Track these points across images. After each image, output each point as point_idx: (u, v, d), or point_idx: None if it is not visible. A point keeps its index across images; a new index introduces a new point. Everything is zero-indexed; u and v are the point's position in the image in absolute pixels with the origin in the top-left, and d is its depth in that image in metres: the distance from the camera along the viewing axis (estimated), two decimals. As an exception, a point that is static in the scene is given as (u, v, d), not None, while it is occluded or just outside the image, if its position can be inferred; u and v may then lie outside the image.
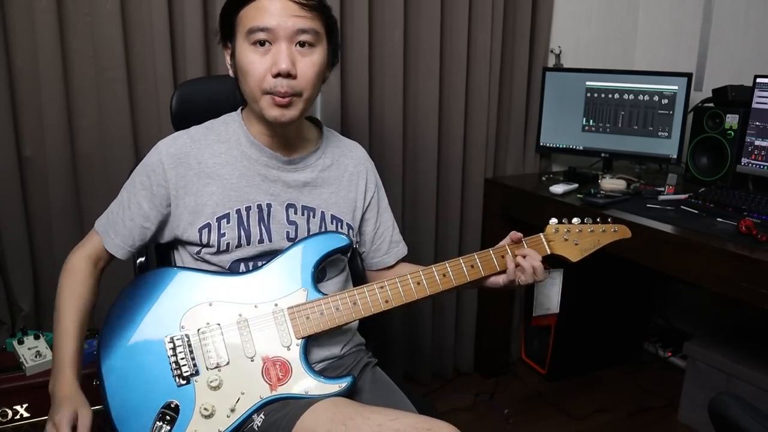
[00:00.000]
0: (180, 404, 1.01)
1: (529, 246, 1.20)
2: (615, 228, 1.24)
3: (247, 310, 1.07)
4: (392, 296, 1.10)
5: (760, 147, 1.91)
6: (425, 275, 1.12)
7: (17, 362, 1.46)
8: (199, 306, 1.06)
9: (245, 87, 1.08)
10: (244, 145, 1.15)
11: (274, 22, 1.02)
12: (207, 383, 1.03)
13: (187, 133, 1.16)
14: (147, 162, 1.14)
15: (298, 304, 1.08)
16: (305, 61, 1.06)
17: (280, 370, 1.05)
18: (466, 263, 1.14)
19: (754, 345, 2.05)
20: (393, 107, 2.01)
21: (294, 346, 1.06)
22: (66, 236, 1.65)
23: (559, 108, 2.24)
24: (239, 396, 1.03)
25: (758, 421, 1.07)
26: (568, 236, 1.22)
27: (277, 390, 1.04)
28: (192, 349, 1.04)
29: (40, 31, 1.52)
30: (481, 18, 2.09)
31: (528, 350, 2.51)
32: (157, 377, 1.02)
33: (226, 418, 1.02)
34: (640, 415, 2.18)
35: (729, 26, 2.22)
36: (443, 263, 1.14)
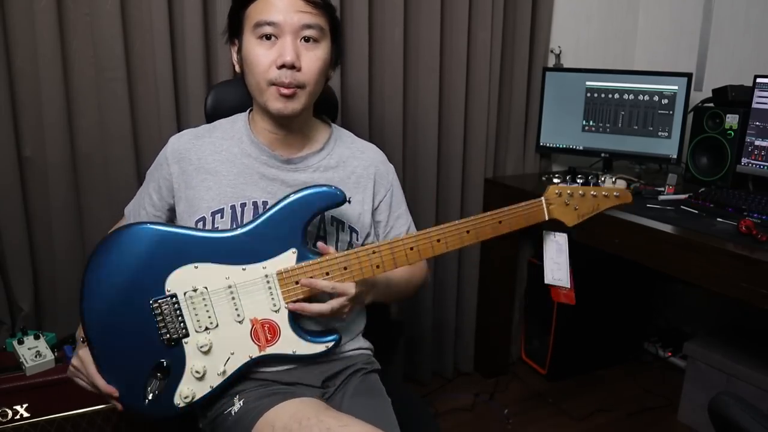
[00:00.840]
0: (171, 364, 1.04)
1: (527, 211, 1.14)
2: (617, 192, 1.20)
3: (234, 273, 1.05)
4: (384, 261, 1.08)
5: (760, 147, 1.91)
6: (418, 241, 1.09)
7: (17, 362, 1.46)
8: (185, 267, 1.04)
9: (251, 79, 1.11)
10: (246, 143, 1.17)
11: (280, 16, 1.06)
12: (197, 347, 1.04)
13: (193, 130, 1.21)
14: (159, 156, 1.21)
15: (288, 269, 1.06)
16: (309, 55, 1.09)
17: (269, 332, 1.07)
18: (461, 228, 1.11)
19: (754, 345, 2.05)
20: (393, 106, 2.01)
21: (282, 309, 1.07)
22: (66, 236, 1.65)
23: (559, 108, 2.24)
24: (229, 356, 1.06)
25: (758, 421, 1.07)
26: (569, 200, 1.17)
27: (265, 350, 1.07)
28: (180, 312, 1.04)
29: (40, 31, 1.51)
30: (481, 17, 2.09)
31: (528, 350, 2.51)
32: (146, 338, 1.03)
33: (217, 376, 1.06)
34: (640, 415, 2.18)
35: (729, 26, 2.22)
36: (439, 227, 1.10)
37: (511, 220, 1.13)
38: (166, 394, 1.04)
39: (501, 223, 1.13)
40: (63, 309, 1.69)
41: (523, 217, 1.14)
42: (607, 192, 1.19)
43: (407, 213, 1.31)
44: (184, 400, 1.05)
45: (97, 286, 1.03)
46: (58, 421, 1.46)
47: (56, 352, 1.49)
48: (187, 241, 1.05)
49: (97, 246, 1.05)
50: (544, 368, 2.41)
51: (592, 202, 1.19)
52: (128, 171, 1.67)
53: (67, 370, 1.10)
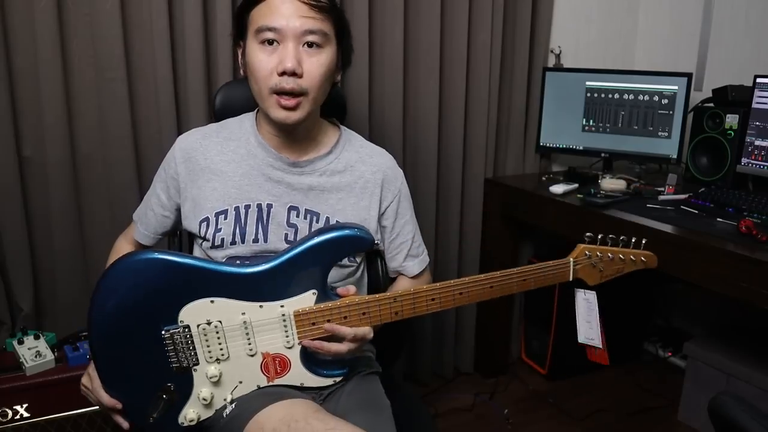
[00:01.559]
0: (178, 388, 1.03)
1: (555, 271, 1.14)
2: (644, 257, 1.19)
3: (251, 309, 1.03)
4: (403, 309, 1.07)
5: (760, 147, 1.91)
6: (441, 292, 1.08)
7: (17, 362, 1.46)
8: (200, 301, 1.02)
9: (253, 85, 1.10)
10: (252, 144, 1.17)
11: (282, 22, 1.04)
12: (206, 376, 1.03)
13: (201, 130, 1.21)
14: (167, 156, 1.21)
15: (306, 310, 1.04)
16: (312, 61, 1.07)
17: (279, 365, 1.06)
18: (485, 283, 1.10)
19: (754, 345, 2.05)
20: (393, 107, 2.01)
21: (296, 346, 1.06)
22: (66, 236, 1.65)
23: (559, 108, 2.24)
24: (237, 385, 1.06)
25: (758, 421, 1.07)
26: (596, 262, 1.16)
27: (273, 381, 1.07)
28: (192, 343, 1.03)
29: (40, 31, 1.51)
30: (481, 18, 2.09)
31: (528, 350, 2.51)
32: (155, 363, 1.02)
33: (223, 400, 1.06)
34: (640, 415, 2.18)
35: (729, 26, 2.22)
36: (463, 280, 1.09)
37: (537, 279, 1.14)
38: (171, 416, 1.04)
39: (525, 281, 1.13)
40: (63, 309, 1.69)
41: (549, 277, 1.15)
42: (635, 256, 1.18)
43: (413, 220, 1.30)
44: (189, 422, 1.05)
45: (108, 311, 0.99)
46: (58, 421, 1.46)
47: (56, 352, 1.49)
48: (205, 275, 1.02)
49: (109, 269, 1.01)
50: (544, 368, 2.41)
51: (618, 266, 1.19)
52: (128, 171, 1.67)
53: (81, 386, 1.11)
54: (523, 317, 2.51)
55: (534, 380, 2.40)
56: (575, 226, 1.91)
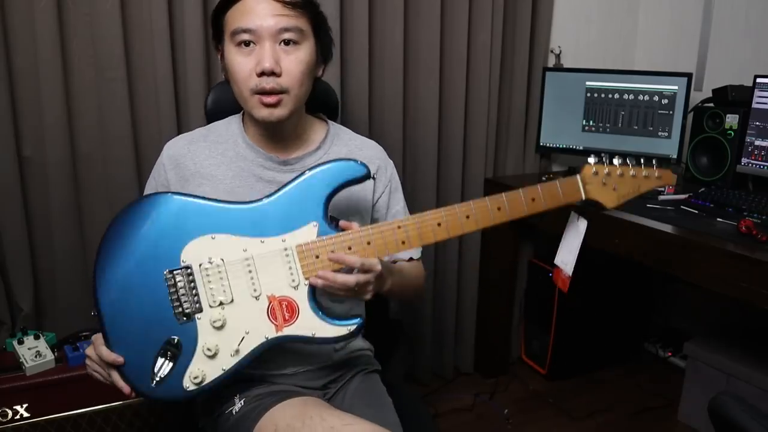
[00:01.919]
0: (182, 341, 0.99)
1: (563, 188, 1.06)
2: (658, 174, 1.12)
3: (252, 245, 1.01)
4: (410, 237, 1.02)
5: (760, 147, 1.91)
6: (446, 216, 1.02)
7: (17, 362, 1.46)
8: (201, 238, 1.00)
9: (234, 88, 1.10)
10: (241, 146, 1.16)
11: (257, 22, 1.03)
12: (210, 322, 0.99)
13: (188, 135, 1.20)
14: (156, 164, 1.20)
15: (308, 242, 1.01)
16: (290, 58, 1.06)
17: (287, 311, 1.01)
18: (492, 205, 1.04)
19: (754, 345, 2.05)
20: (393, 107, 2.01)
21: (302, 286, 1.01)
22: (66, 236, 1.65)
23: (559, 108, 2.24)
24: (243, 336, 1.00)
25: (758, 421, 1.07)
26: (607, 180, 1.08)
27: (282, 331, 1.01)
28: (195, 284, 1.00)
29: (40, 31, 1.51)
30: (481, 18, 2.09)
31: (528, 350, 2.51)
32: (158, 312, 0.98)
33: (230, 357, 1.00)
34: (640, 415, 2.18)
35: (729, 26, 2.22)
36: (468, 203, 1.03)
37: (546, 199, 1.06)
38: (176, 375, 0.99)
39: (534, 201, 1.06)
40: (63, 309, 1.69)
41: (558, 196, 1.06)
42: (648, 173, 1.11)
43: (406, 210, 1.29)
44: (194, 381, 0.99)
45: (112, 255, 0.99)
46: (58, 421, 1.46)
47: (56, 352, 1.49)
48: (205, 212, 1.01)
49: (116, 215, 1.01)
50: (544, 368, 2.41)
51: (633, 183, 1.10)
52: (128, 171, 1.67)
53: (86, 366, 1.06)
54: (523, 317, 2.51)
55: (534, 380, 2.40)
56: (575, 226, 1.91)
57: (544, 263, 2.35)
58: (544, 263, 2.35)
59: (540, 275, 2.36)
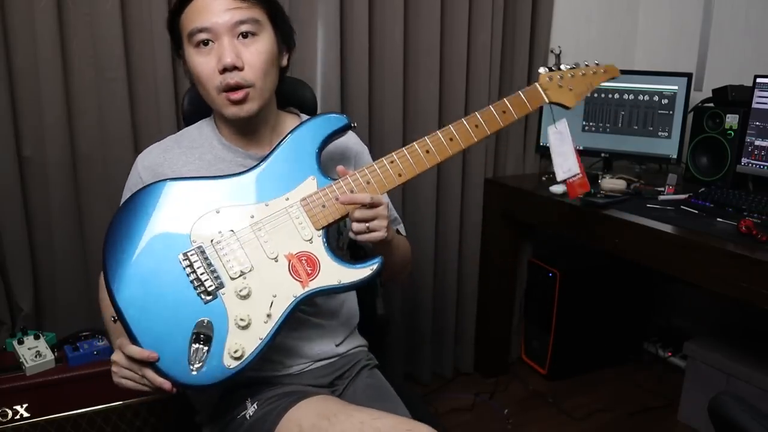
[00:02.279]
0: (212, 321, 0.96)
1: (527, 97, 1.16)
2: (603, 68, 1.27)
3: (258, 210, 1.01)
4: (404, 168, 1.06)
5: (760, 147, 1.91)
6: (433, 142, 1.07)
7: (17, 362, 1.46)
8: (206, 215, 1.00)
9: (201, 90, 1.08)
10: (217, 148, 1.14)
11: (212, 19, 1.02)
12: (235, 293, 0.97)
13: (160, 144, 1.17)
14: (128, 182, 1.16)
15: (310, 194, 1.03)
16: (250, 50, 1.04)
17: (308, 265, 1.01)
18: (470, 124, 1.09)
19: (754, 345, 2.05)
20: (393, 107, 2.01)
21: (316, 238, 1.02)
22: (66, 236, 1.65)
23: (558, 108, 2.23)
24: (272, 300, 0.99)
25: (758, 421, 1.07)
26: (562, 83, 1.21)
27: (309, 285, 1.00)
28: (210, 261, 0.98)
29: (40, 31, 1.51)
30: (481, 18, 2.09)
31: (528, 350, 2.51)
32: (181, 298, 0.96)
33: (264, 324, 0.97)
34: (640, 415, 2.18)
35: (729, 26, 2.22)
36: (448, 128, 1.09)
37: (515, 109, 1.14)
38: (215, 356, 0.95)
39: (505, 113, 1.13)
40: (63, 309, 1.69)
41: (524, 104, 1.15)
42: (595, 70, 1.25)
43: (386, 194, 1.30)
44: (234, 356, 0.94)
45: (121, 253, 0.97)
46: (58, 421, 1.46)
47: (56, 352, 1.49)
48: (204, 188, 1.02)
49: (115, 215, 1.00)
50: (544, 368, 2.41)
51: (584, 81, 1.24)
52: (128, 171, 1.64)
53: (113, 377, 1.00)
54: (523, 317, 2.51)
55: (534, 380, 2.40)
56: (575, 226, 1.91)
57: (544, 263, 2.35)
58: (544, 263, 2.35)
59: (540, 275, 2.36)
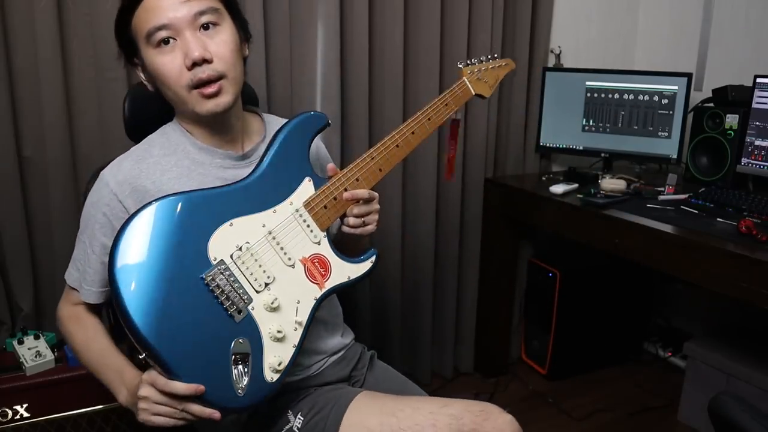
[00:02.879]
0: (248, 338, 0.95)
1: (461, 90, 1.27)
2: (505, 62, 1.42)
3: (268, 218, 1.02)
4: (383, 163, 1.13)
5: (760, 147, 1.91)
6: (399, 137, 1.16)
7: (17, 362, 1.46)
8: (220, 229, 0.97)
9: (168, 92, 1.03)
10: (192, 152, 1.08)
11: (170, 14, 0.97)
12: (264, 306, 0.98)
13: (129, 156, 1.09)
14: (96, 199, 1.05)
15: (311, 197, 1.07)
16: (216, 41, 1.01)
17: (321, 267, 1.05)
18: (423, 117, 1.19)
19: (754, 345, 2.05)
20: (393, 107, 2.01)
21: (323, 239, 1.06)
22: (66, 236, 1.65)
23: (559, 108, 2.24)
24: (297, 306, 1.02)
25: (758, 421, 1.07)
26: (480, 75, 1.33)
27: (325, 286, 1.05)
28: (235, 277, 0.96)
29: (40, 31, 1.51)
30: (481, 18, 2.09)
31: (528, 350, 2.51)
32: (213, 321, 0.93)
33: (294, 332, 1.00)
34: (640, 415, 2.18)
35: (729, 26, 2.22)
36: (408, 122, 1.18)
37: (455, 100, 1.26)
38: (257, 374, 0.94)
39: (447, 105, 1.24)
40: (63, 309, 1.69)
41: (460, 96, 1.27)
42: (498, 63, 1.40)
43: None
44: (277, 369, 0.96)
45: (138, 283, 0.89)
46: (58, 421, 1.46)
47: (56, 352, 1.49)
48: (209, 202, 0.98)
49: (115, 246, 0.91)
50: (544, 368, 2.41)
51: (493, 74, 1.37)
52: None
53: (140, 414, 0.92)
54: (523, 317, 2.51)
55: (534, 380, 2.40)
56: (575, 226, 1.91)
57: (544, 263, 2.35)
58: (544, 263, 2.35)
59: (540, 275, 2.36)
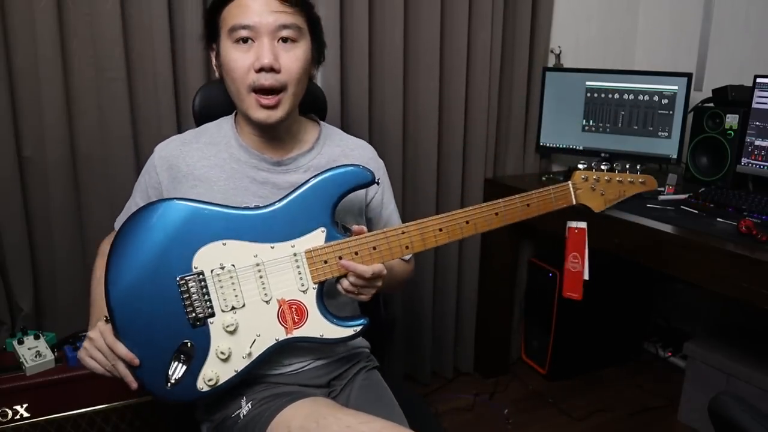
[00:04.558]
0: (195, 345, 1.01)
1: (555, 194, 1.14)
2: (642, 179, 1.20)
3: (263, 251, 1.03)
4: (413, 242, 1.06)
5: (760, 147, 1.91)
6: (448, 222, 1.08)
7: (17, 362, 1.46)
8: (212, 244, 1.02)
9: (231, 85, 1.09)
10: (234, 147, 1.15)
11: (255, 18, 1.04)
12: (223, 327, 1.01)
13: (180, 137, 1.19)
14: (145, 167, 1.19)
15: (317, 247, 1.04)
16: (288, 55, 1.06)
17: (296, 314, 1.04)
18: (490, 210, 1.10)
19: (754, 345, 2.05)
20: (393, 107, 2.01)
21: (311, 290, 1.05)
22: (66, 236, 1.65)
23: (559, 108, 2.24)
24: (255, 338, 1.03)
25: (758, 421, 1.07)
26: (595, 185, 1.17)
27: (292, 333, 1.04)
28: (207, 290, 1.01)
29: (40, 31, 1.51)
30: (481, 18, 2.09)
31: (528, 350, 2.51)
32: (171, 317, 1.00)
33: (242, 359, 1.02)
34: (640, 415, 2.18)
35: (729, 26, 2.22)
36: (467, 210, 1.09)
37: (540, 204, 1.13)
38: (189, 378, 1.01)
39: (529, 206, 1.12)
40: (63, 309, 1.69)
41: (551, 201, 1.14)
42: (633, 179, 1.19)
43: (396, 210, 1.32)
44: (208, 383, 1.01)
45: (123, 262, 0.99)
46: (58, 421, 1.46)
47: (56, 352, 1.49)
48: (216, 218, 1.03)
49: (124, 223, 1.02)
50: (544, 368, 2.41)
51: (618, 189, 1.19)
52: (128, 171, 1.67)
53: (80, 350, 1.03)
54: (523, 317, 2.51)
55: (534, 380, 2.40)
56: (575, 226, 1.91)
57: (544, 263, 2.35)
58: (544, 263, 2.35)
59: (540, 275, 2.36)
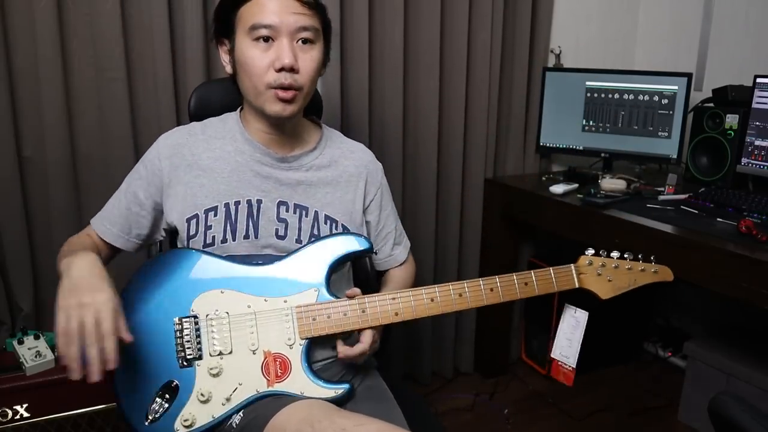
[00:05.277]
0: (180, 385, 1.04)
1: (557, 276, 1.13)
2: (655, 269, 1.15)
3: (256, 302, 1.08)
4: (403, 309, 1.09)
5: (760, 147, 1.91)
6: (440, 293, 1.10)
7: (17, 362, 1.46)
8: (211, 291, 1.07)
9: (247, 82, 1.10)
10: (239, 141, 1.17)
11: (276, 19, 1.05)
12: (208, 370, 1.04)
13: (186, 127, 1.21)
14: (146, 155, 1.19)
15: (307, 305, 1.08)
16: (306, 57, 1.09)
17: (280, 368, 1.06)
18: (485, 286, 1.11)
19: (754, 345, 2.05)
20: (393, 107, 2.01)
21: (297, 345, 1.07)
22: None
23: (559, 108, 2.24)
24: (236, 386, 1.05)
25: (758, 421, 1.07)
26: (602, 271, 1.14)
27: (273, 386, 1.06)
28: (199, 333, 1.05)
29: (40, 31, 1.51)
30: (481, 18, 2.09)
31: (528, 350, 2.51)
32: (163, 354, 1.04)
33: (221, 405, 1.04)
34: (640, 415, 2.18)
35: (729, 26, 2.22)
36: (462, 282, 1.10)
37: (539, 285, 1.13)
38: (168, 417, 1.03)
39: (527, 285, 1.12)
40: (63, 309, 1.69)
41: (551, 284, 1.13)
42: (644, 267, 1.13)
43: (395, 211, 1.34)
44: (184, 423, 1.03)
45: (137, 297, 1.07)
46: (58, 421, 1.46)
47: (56, 352, 1.49)
48: (219, 268, 1.09)
49: (146, 262, 1.12)
50: (544, 368, 2.41)
51: (629, 276, 1.14)
52: (128, 171, 1.64)
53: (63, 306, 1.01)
54: (523, 317, 2.51)
55: (534, 380, 2.40)
56: (575, 226, 1.91)
57: (544, 263, 2.35)
58: (544, 263, 2.35)
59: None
